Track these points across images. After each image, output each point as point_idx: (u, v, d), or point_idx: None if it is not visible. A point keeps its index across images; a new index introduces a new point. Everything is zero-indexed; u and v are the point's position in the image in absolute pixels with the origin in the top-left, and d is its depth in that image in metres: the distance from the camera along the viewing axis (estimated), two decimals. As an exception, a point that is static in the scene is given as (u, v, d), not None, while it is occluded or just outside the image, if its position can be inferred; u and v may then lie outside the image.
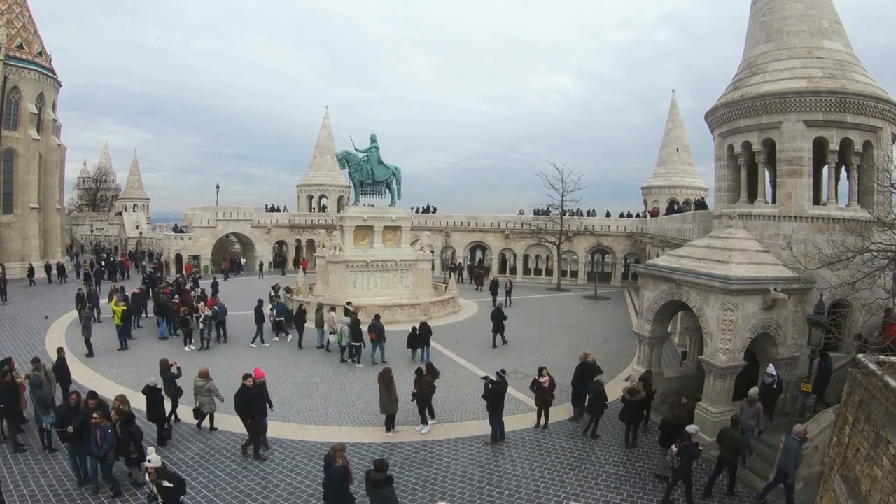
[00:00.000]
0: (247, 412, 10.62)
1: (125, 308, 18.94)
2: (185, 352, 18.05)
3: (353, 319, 17.88)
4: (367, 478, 7.79)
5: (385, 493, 7.55)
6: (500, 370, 12.16)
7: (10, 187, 35.54)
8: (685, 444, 8.87)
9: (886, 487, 4.63)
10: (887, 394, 4.83)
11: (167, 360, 12.37)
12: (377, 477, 7.58)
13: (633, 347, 17.49)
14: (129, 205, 64.36)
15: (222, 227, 42.61)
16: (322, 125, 50.72)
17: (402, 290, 26.51)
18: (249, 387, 10.76)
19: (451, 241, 42.69)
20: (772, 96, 11.99)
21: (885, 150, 12.03)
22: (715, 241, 12.75)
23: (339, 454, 7.90)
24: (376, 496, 7.58)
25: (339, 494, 7.83)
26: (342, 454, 7.95)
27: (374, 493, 7.60)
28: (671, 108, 42.24)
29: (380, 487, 7.52)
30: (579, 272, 40.86)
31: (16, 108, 35.26)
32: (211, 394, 11.70)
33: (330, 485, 7.89)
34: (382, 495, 7.52)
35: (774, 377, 11.13)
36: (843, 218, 11.83)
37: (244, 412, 10.64)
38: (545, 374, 12.36)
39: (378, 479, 7.56)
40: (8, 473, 9.68)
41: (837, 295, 11.13)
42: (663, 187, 40.62)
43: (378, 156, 27.83)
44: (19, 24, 35.51)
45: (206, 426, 12.02)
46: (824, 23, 12.58)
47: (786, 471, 8.81)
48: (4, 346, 18.31)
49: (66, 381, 12.68)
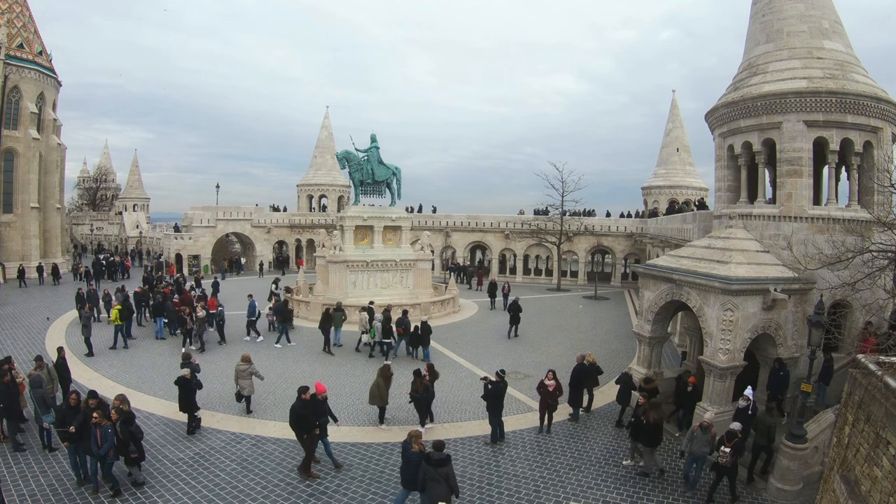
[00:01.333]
0: (302, 427, 9.85)
1: (121, 307, 18.95)
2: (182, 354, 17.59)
3: (385, 316, 18.31)
4: (427, 458, 8.17)
5: (446, 471, 8.03)
6: (499, 370, 12.16)
7: (11, 187, 35.52)
8: (736, 443, 9.12)
9: (886, 488, 4.63)
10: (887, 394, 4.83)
11: (188, 352, 13.08)
12: (438, 456, 8.08)
13: (633, 347, 17.49)
14: (130, 204, 64.41)
15: (222, 226, 42.63)
16: (322, 125, 50.75)
17: (403, 289, 26.51)
18: (307, 400, 9.96)
19: (451, 242, 42.69)
20: (772, 96, 11.98)
21: (885, 150, 12.03)
22: (715, 242, 12.75)
23: (415, 440, 8.46)
24: (437, 475, 7.99)
25: (415, 476, 8.28)
26: (418, 440, 8.50)
27: (434, 472, 8.01)
28: (671, 108, 42.26)
29: (441, 466, 8.02)
30: (579, 272, 40.86)
31: (16, 108, 35.25)
32: (252, 377, 12.65)
33: (407, 468, 8.39)
34: (444, 473, 8.00)
35: (750, 402, 10.23)
36: (844, 218, 11.83)
37: (299, 427, 9.88)
38: (551, 378, 12.11)
39: (439, 458, 8.07)
40: (8, 473, 9.68)
41: (837, 295, 11.13)
42: (663, 187, 40.64)
43: (378, 156, 27.85)
44: (20, 23, 35.50)
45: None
46: (825, 23, 12.58)
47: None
48: (4, 345, 18.30)
49: (67, 381, 12.67)
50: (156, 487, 9.37)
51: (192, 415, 11.75)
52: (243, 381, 12.57)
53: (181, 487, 9.41)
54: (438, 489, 7.92)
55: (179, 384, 11.48)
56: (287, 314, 20.30)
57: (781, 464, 9.46)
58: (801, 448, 9.30)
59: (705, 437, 9.41)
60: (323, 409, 10.41)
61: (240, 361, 12.77)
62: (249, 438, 11.54)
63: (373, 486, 9.65)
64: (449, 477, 8.05)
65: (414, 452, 8.31)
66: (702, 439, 9.42)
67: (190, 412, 11.69)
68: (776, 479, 9.50)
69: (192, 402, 11.64)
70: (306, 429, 9.84)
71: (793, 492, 9.30)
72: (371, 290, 25.73)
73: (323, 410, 10.41)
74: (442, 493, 7.93)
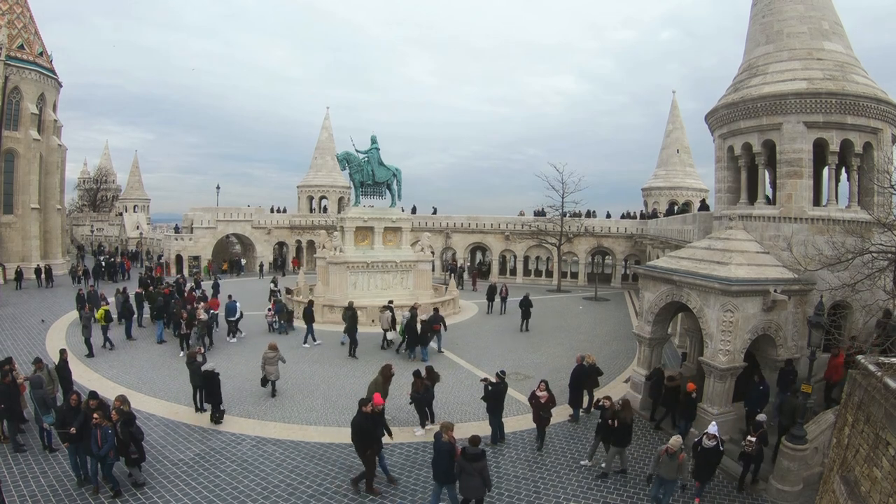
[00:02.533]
0: (366, 442, 9.34)
1: (107, 309, 19.09)
2: (180, 357, 16.77)
3: (412, 314, 18.63)
4: (463, 452, 8.29)
5: (480, 465, 8.18)
6: (499, 371, 12.15)
7: (11, 188, 35.58)
8: (762, 432, 9.51)
9: (886, 488, 4.63)
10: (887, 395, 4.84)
11: (194, 350, 13.31)
12: (474, 451, 8.22)
13: (633, 349, 17.48)
14: (130, 205, 64.41)
15: (223, 227, 42.67)
16: (323, 126, 50.80)
17: (403, 291, 26.49)
18: (368, 413, 9.45)
19: (451, 243, 42.69)
20: (772, 98, 11.99)
21: (885, 151, 12.04)
22: (715, 243, 12.75)
23: (447, 432, 8.61)
24: (472, 469, 8.14)
25: (447, 466, 8.43)
26: (450, 431, 8.65)
27: (469, 467, 8.16)
28: (671, 109, 42.29)
29: (476, 461, 8.16)
30: (580, 273, 40.86)
31: (17, 109, 35.30)
32: (278, 362, 13.91)
33: (439, 458, 8.49)
34: (478, 468, 8.15)
35: (716, 438, 9.24)
36: (844, 219, 11.83)
37: (362, 442, 9.34)
38: (543, 389, 11.39)
39: (475, 452, 8.21)
40: (8, 473, 9.69)
41: (837, 296, 11.14)
42: (663, 188, 40.66)
43: (378, 157, 27.85)
44: (20, 24, 35.56)
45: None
46: (824, 24, 12.59)
47: None
48: (5, 346, 18.32)
49: (69, 383, 12.63)
50: (156, 488, 9.38)
51: (218, 406, 12.27)
52: (270, 367, 13.75)
53: (181, 488, 9.41)
54: (472, 482, 8.16)
55: (208, 377, 12.01)
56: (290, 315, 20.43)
57: (781, 464, 9.46)
58: (801, 449, 9.30)
59: (672, 462, 8.67)
60: (381, 422, 9.90)
61: (267, 349, 14.00)
62: (250, 439, 11.55)
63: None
64: (483, 471, 8.20)
65: (445, 443, 8.46)
66: (668, 465, 8.70)
67: (216, 403, 12.22)
68: (776, 479, 9.50)
69: (219, 394, 12.24)
70: (370, 443, 9.35)
71: (793, 492, 9.29)
72: (371, 291, 25.74)
73: (380, 423, 9.89)
74: (475, 486, 8.18)
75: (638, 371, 14.06)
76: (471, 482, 8.15)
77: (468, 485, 8.17)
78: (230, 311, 20.35)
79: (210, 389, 12.18)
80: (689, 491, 9.61)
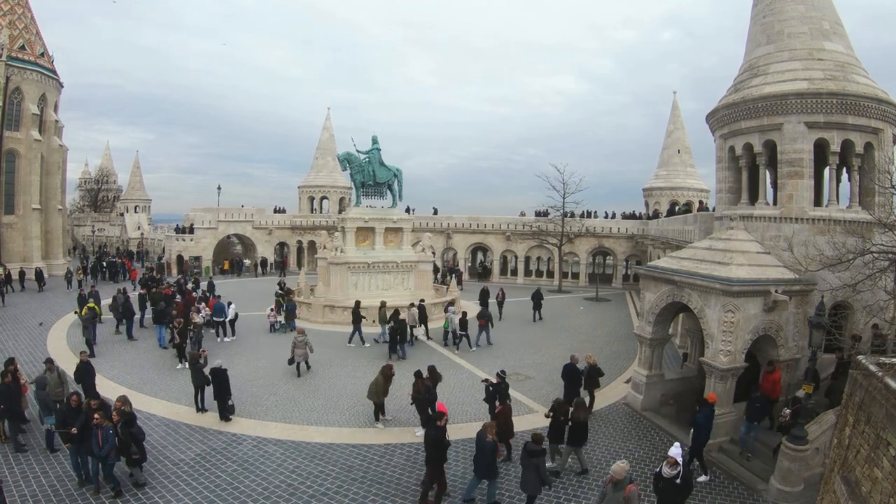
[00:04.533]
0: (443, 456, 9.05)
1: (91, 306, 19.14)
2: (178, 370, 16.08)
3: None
4: (524, 448, 8.62)
5: (537, 462, 8.44)
6: (500, 371, 12.16)
7: (12, 188, 35.55)
8: (798, 407, 9.79)
9: (887, 489, 4.63)
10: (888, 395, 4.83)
11: (196, 352, 13.39)
12: (534, 448, 8.51)
13: (634, 349, 17.45)
14: (131, 206, 64.58)
15: (224, 228, 42.72)
16: (324, 126, 50.83)
17: (404, 291, 26.49)
18: (443, 427, 9.24)
19: (452, 243, 42.69)
20: (773, 98, 11.99)
21: (886, 151, 12.03)
22: (716, 243, 12.75)
23: (490, 430, 8.90)
24: (530, 464, 8.43)
25: (489, 464, 8.73)
26: (493, 430, 8.96)
27: (528, 462, 8.45)
28: (672, 109, 42.27)
29: (535, 457, 8.45)
30: (580, 274, 40.84)
31: (18, 109, 35.30)
32: (306, 346, 15.89)
33: (482, 457, 8.75)
34: (534, 464, 8.41)
35: (679, 468, 7.65)
36: (844, 219, 11.82)
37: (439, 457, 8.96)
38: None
39: (535, 450, 8.49)
40: (9, 473, 9.69)
41: (838, 297, 11.13)
42: (664, 189, 40.64)
43: (379, 157, 27.88)
44: (21, 25, 35.59)
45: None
46: (825, 24, 12.59)
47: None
48: (6, 346, 18.35)
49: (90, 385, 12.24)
50: (157, 488, 9.39)
51: (226, 402, 12.46)
52: (299, 349, 15.80)
53: (182, 488, 9.42)
54: (529, 477, 8.46)
55: (216, 374, 12.22)
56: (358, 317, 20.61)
57: (782, 465, 9.45)
58: (801, 449, 9.29)
59: (616, 494, 7.40)
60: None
61: (297, 334, 16.31)
62: (251, 440, 11.55)
63: (374, 488, 9.65)
64: (539, 468, 8.43)
65: (488, 442, 8.69)
66: (612, 498, 7.44)
67: (224, 399, 12.39)
68: (777, 480, 9.49)
69: (228, 389, 12.44)
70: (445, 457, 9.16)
71: (794, 493, 9.28)
72: (372, 291, 25.73)
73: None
74: (532, 481, 8.46)
75: (639, 371, 14.06)
76: (527, 476, 8.48)
77: (524, 479, 8.57)
78: (218, 311, 20.30)
79: (219, 386, 12.30)
80: None
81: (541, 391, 14.94)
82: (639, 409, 13.59)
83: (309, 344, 15.94)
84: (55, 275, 35.68)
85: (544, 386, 15.37)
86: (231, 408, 12.59)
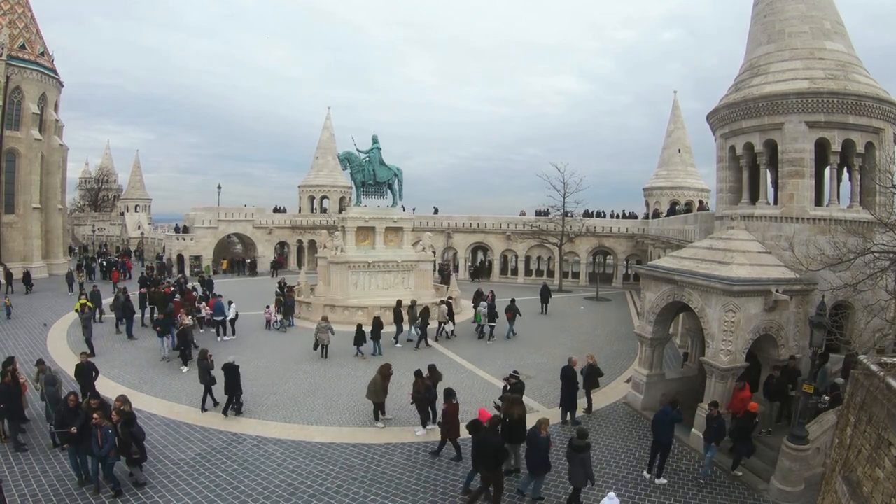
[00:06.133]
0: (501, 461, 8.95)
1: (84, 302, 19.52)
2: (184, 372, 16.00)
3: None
4: (570, 443, 8.85)
5: (583, 457, 8.67)
6: (513, 371, 12.42)
7: (13, 187, 35.54)
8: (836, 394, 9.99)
9: (888, 489, 4.62)
10: (889, 395, 4.82)
11: (206, 351, 13.45)
12: (580, 443, 8.72)
13: (634, 349, 17.47)
14: (131, 205, 64.46)
15: (224, 227, 42.71)
16: (324, 126, 50.79)
17: (404, 290, 26.47)
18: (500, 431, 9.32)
19: (452, 243, 42.68)
20: (774, 97, 11.97)
21: (886, 151, 12.01)
22: (717, 243, 12.73)
23: (543, 427, 9.10)
24: (576, 459, 8.66)
25: (543, 457, 9.00)
26: (546, 427, 9.16)
27: (574, 457, 8.69)
28: (673, 109, 42.19)
29: (580, 451, 8.66)
30: (581, 273, 40.82)
31: (18, 109, 35.29)
32: (328, 331, 17.45)
33: (536, 452, 8.99)
34: (580, 459, 8.64)
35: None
36: (845, 219, 11.81)
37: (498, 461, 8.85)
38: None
39: (580, 444, 8.70)
40: (9, 473, 9.69)
41: (839, 296, 11.11)
42: (665, 188, 40.57)
43: (380, 157, 27.87)
44: (21, 24, 35.58)
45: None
46: (826, 24, 12.57)
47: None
48: (6, 346, 18.34)
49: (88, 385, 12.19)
50: (157, 488, 9.39)
51: (237, 398, 12.74)
52: (322, 334, 17.38)
53: (182, 488, 9.42)
54: (575, 470, 8.70)
55: (228, 369, 12.50)
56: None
57: (783, 465, 9.45)
58: (802, 449, 9.29)
59: None
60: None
61: (320, 320, 17.95)
62: (251, 439, 11.55)
63: (374, 487, 9.64)
64: (585, 462, 8.64)
65: (542, 438, 8.96)
66: None
67: (235, 395, 12.66)
68: (778, 480, 9.49)
69: (239, 385, 12.71)
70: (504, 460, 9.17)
71: (794, 493, 9.28)
72: (372, 290, 25.75)
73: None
74: (579, 475, 8.69)
75: (639, 371, 14.05)
76: (574, 470, 8.72)
77: (571, 472, 8.82)
78: (218, 310, 20.37)
79: (230, 381, 12.53)
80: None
81: (541, 391, 14.94)
82: (639, 409, 13.59)
83: (331, 328, 17.47)
84: (56, 274, 35.70)
85: (544, 385, 15.36)
86: (241, 404, 12.79)
